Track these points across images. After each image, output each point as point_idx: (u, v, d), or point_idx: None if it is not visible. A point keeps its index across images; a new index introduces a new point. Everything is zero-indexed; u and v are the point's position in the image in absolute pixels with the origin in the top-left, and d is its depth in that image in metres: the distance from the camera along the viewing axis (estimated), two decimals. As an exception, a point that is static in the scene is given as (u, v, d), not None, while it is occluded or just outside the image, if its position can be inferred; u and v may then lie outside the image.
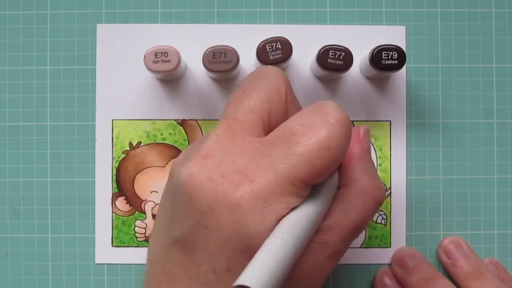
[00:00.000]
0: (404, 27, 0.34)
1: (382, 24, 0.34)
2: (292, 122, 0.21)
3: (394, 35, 0.34)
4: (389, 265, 0.34)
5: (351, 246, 0.34)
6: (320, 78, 0.34)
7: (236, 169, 0.20)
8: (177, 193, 0.21)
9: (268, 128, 0.22)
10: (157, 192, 0.34)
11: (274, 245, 0.19)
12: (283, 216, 0.20)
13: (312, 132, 0.20)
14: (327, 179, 0.23)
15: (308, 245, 0.21)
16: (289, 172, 0.20)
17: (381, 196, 0.23)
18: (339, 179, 0.24)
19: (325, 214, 0.22)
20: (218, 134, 0.22)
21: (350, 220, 0.22)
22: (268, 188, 0.20)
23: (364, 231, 0.34)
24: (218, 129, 0.22)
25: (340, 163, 0.23)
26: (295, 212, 0.20)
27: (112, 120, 0.34)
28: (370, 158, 0.25)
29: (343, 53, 0.31)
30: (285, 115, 0.23)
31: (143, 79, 0.34)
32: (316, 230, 0.22)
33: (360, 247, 0.34)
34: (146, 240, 0.34)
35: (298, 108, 0.25)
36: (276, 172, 0.20)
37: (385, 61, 0.31)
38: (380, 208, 0.34)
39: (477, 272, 0.31)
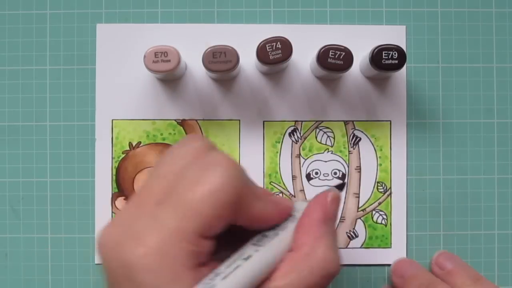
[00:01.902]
0: (404, 27, 0.34)
1: (382, 24, 0.34)
2: (177, 178, 0.21)
3: (394, 35, 0.34)
4: (390, 264, 0.34)
5: (351, 246, 0.34)
6: (320, 78, 0.34)
7: (134, 234, 0.20)
8: (99, 257, 0.22)
9: None
10: (157, 192, 0.34)
11: None
12: (185, 274, 0.20)
13: (193, 182, 0.20)
14: (273, 236, 0.22)
15: None
16: (178, 226, 0.20)
17: (332, 271, 0.22)
18: (294, 239, 0.23)
19: (271, 274, 0.21)
20: (128, 203, 0.22)
21: None
22: (161, 249, 0.20)
23: (364, 231, 0.34)
24: (133, 196, 0.23)
25: (297, 226, 0.23)
26: (231, 275, 0.20)
27: (112, 120, 0.34)
28: (333, 226, 0.24)
29: (343, 53, 0.31)
30: None
31: (143, 79, 0.34)
32: None
33: (360, 247, 0.34)
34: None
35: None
36: (165, 231, 0.20)
37: (385, 61, 0.31)
38: (380, 208, 0.34)
39: (473, 277, 0.31)
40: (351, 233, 0.34)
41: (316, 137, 0.34)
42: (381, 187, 0.34)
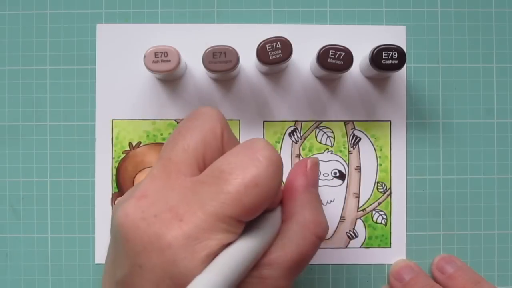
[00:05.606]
0: (404, 27, 0.34)
1: (382, 24, 0.34)
2: (221, 161, 0.21)
3: (394, 35, 0.34)
4: (390, 264, 0.34)
5: (351, 246, 0.34)
6: (320, 78, 0.34)
7: (168, 208, 0.20)
8: (116, 234, 0.21)
9: (204, 167, 0.23)
10: (157, 192, 0.34)
11: (202, 281, 0.19)
12: (214, 253, 0.20)
13: (239, 170, 0.21)
14: (268, 213, 0.23)
15: (246, 280, 0.21)
16: (218, 209, 0.20)
17: (322, 231, 0.23)
18: (283, 210, 0.24)
19: (266, 249, 0.22)
20: (153, 174, 0.22)
21: (289, 256, 0.22)
22: (198, 226, 0.20)
23: (364, 231, 0.34)
24: (154, 169, 0.22)
25: (282, 197, 0.24)
26: (230, 248, 0.20)
27: (112, 120, 0.34)
28: (315, 192, 0.25)
29: (343, 53, 0.31)
30: (221, 155, 0.23)
31: (143, 79, 0.34)
32: (255, 265, 0.22)
33: (360, 247, 0.34)
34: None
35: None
36: (205, 210, 0.20)
37: (385, 61, 0.31)
38: (380, 208, 0.34)
39: (474, 280, 0.31)
40: (351, 233, 0.34)
41: (316, 137, 0.34)
42: (381, 187, 0.34)
